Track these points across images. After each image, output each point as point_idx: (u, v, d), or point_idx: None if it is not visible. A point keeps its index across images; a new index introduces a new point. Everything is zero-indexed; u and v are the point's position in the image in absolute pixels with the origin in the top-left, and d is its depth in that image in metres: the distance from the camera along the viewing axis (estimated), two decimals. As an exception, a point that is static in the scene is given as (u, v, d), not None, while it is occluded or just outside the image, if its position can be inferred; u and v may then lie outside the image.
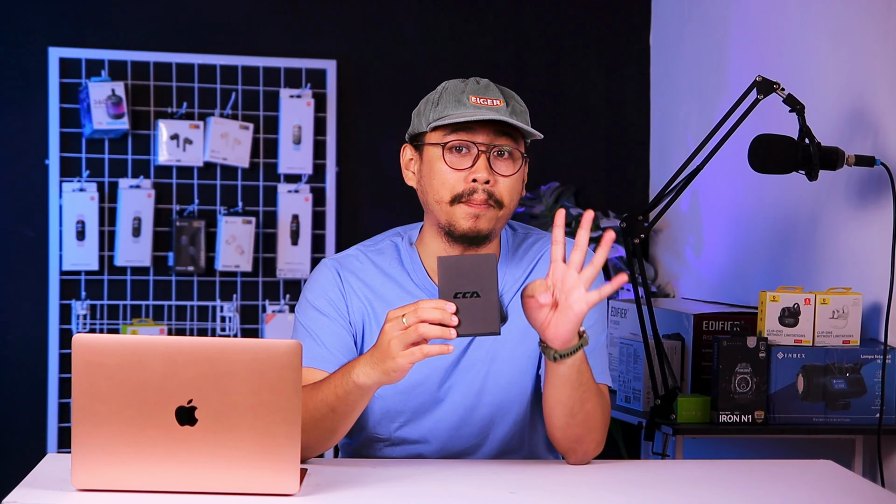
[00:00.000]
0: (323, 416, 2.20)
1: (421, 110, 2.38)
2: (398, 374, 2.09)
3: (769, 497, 2.13)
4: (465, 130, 2.31)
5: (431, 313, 2.04)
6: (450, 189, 2.31)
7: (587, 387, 2.25)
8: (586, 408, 2.26)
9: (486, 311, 2.05)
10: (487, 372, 2.37)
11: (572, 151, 4.58)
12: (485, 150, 2.30)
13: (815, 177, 3.11)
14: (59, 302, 4.23)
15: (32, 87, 4.23)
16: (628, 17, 4.62)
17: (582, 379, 2.23)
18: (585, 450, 2.31)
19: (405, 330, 2.05)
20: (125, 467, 1.95)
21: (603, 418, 2.31)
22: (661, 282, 4.45)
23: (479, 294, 2.06)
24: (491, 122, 2.30)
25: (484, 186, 2.29)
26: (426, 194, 2.35)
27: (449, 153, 2.32)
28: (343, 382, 2.16)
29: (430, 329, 2.04)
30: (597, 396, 2.28)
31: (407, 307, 2.08)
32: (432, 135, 2.34)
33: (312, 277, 2.42)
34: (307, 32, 4.43)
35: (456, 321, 2.05)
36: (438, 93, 2.36)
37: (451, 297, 2.06)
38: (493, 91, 2.33)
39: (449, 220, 2.32)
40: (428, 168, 2.34)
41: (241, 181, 4.35)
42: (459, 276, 2.06)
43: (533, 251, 2.43)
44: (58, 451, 4.16)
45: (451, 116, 2.30)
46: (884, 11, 3.22)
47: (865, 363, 3.10)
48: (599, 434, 2.30)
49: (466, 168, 2.30)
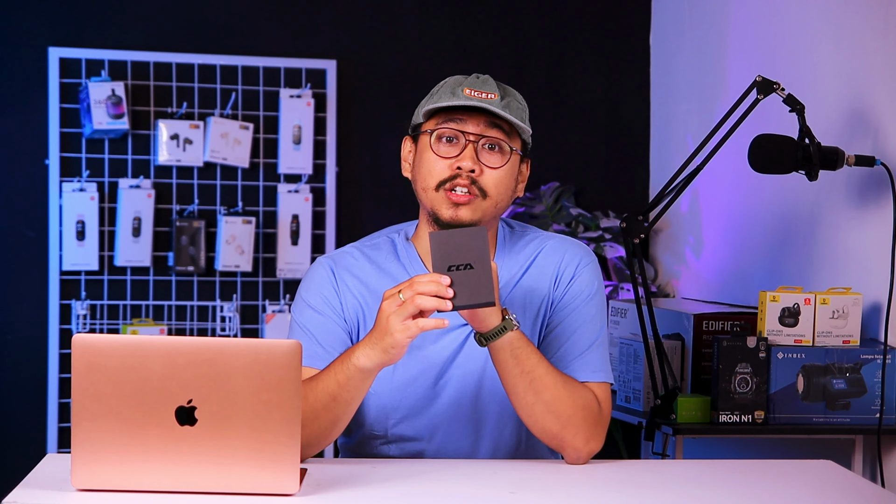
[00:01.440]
0: (325, 405, 2.21)
1: (422, 104, 2.40)
2: (397, 351, 2.11)
3: (769, 497, 2.13)
4: (457, 121, 2.32)
5: (427, 286, 2.07)
6: (436, 176, 2.32)
7: (535, 375, 2.23)
8: (544, 398, 2.24)
9: (480, 282, 2.08)
10: (485, 367, 2.37)
11: (572, 151, 4.58)
12: (473, 139, 2.31)
13: (815, 177, 3.11)
14: (59, 302, 4.23)
15: (32, 87, 4.23)
16: (628, 17, 4.62)
17: (524, 366, 2.22)
18: (571, 445, 2.28)
19: (402, 305, 2.07)
20: (125, 467, 1.95)
21: (581, 413, 2.27)
22: (661, 282, 4.45)
23: (473, 266, 2.08)
24: (484, 115, 2.31)
25: (468, 174, 2.30)
26: (416, 182, 2.37)
27: (438, 141, 2.33)
28: (344, 368, 2.17)
29: (428, 300, 2.07)
30: (561, 388, 2.25)
31: (402, 284, 2.11)
32: (426, 124, 2.36)
33: (307, 276, 2.43)
34: (307, 32, 4.43)
35: (451, 293, 2.07)
36: (439, 86, 2.38)
37: (445, 271, 2.08)
38: (489, 85, 2.33)
39: (433, 208, 2.33)
40: (419, 156, 2.36)
41: (241, 181, 4.36)
42: (452, 249, 2.09)
43: (529, 249, 2.43)
44: (58, 451, 4.16)
45: (439, 103, 2.32)
46: (883, 11, 3.22)
47: (865, 363, 3.10)
48: (582, 429, 2.27)
49: (453, 157, 2.31)
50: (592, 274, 2.40)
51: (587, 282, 2.39)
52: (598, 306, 2.40)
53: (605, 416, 2.34)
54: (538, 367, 2.24)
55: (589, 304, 2.38)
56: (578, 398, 2.29)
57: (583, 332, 2.36)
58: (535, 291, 2.39)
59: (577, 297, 2.38)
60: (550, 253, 2.41)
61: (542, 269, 2.40)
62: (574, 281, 2.39)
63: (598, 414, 2.31)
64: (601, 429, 2.32)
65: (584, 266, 2.40)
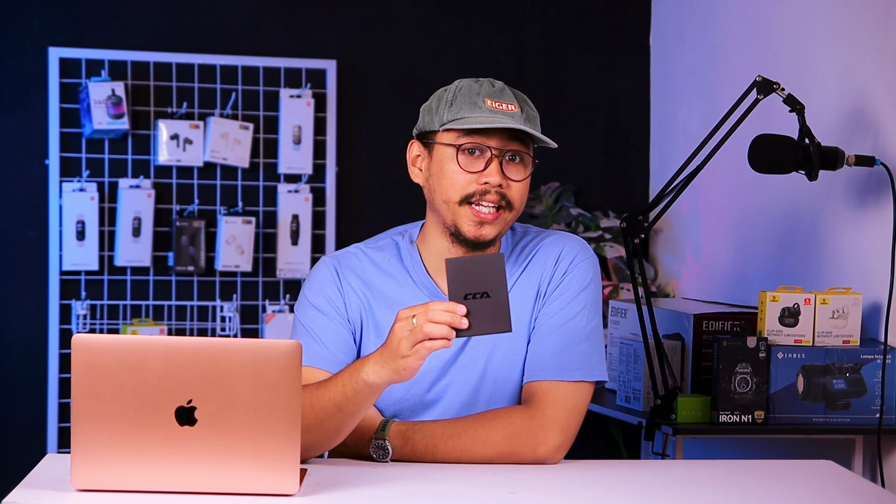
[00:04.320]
0: (330, 415, 2.20)
1: (433, 108, 2.36)
2: (408, 373, 2.11)
3: (769, 497, 2.13)
4: (480, 134, 2.31)
5: (441, 316, 2.06)
6: (460, 190, 2.31)
7: (440, 454, 2.27)
8: (467, 456, 2.27)
9: (497, 311, 2.07)
10: (484, 370, 2.37)
11: (572, 151, 4.57)
12: (497, 154, 2.31)
13: (815, 177, 3.11)
14: (59, 302, 4.23)
15: (32, 87, 4.23)
16: (628, 17, 4.62)
17: (428, 454, 2.27)
18: (528, 461, 2.28)
19: (413, 331, 2.07)
20: (125, 467, 1.95)
21: (509, 443, 2.28)
22: (661, 282, 4.45)
23: (490, 294, 2.07)
24: (505, 127, 2.30)
25: (496, 189, 2.30)
26: (434, 192, 2.35)
27: (462, 154, 2.32)
28: (352, 381, 2.17)
29: (437, 329, 2.06)
30: (470, 447, 2.28)
31: (417, 307, 2.09)
32: (445, 135, 2.33)
33: (311, 276, 2.42)
34: (307, 32, 4.43)
35: (466, 324, 2.06)
36: (452, 92, 2.35)
37: (462, 299, 2.07)
38: (507, 95, 2.33)
39: (455, 221, 2.32)
40: (438, 167, 2.34)
41: (241, 181, 4.35)
42: (468, 277, 2.07)
43: (528, 250, 2.43)
44: (58, 451, 4.16)
45: (467, 120, 2.30)
46: (883, 11, 3.22)
47: (865, 363, 3.10)
48: (522, 450, 2.28)
49: (478, 171, 2.31)
50: (587, 269, 2.39)
51: (580, 276, 2.38)
52: (587, 300, 2.38)
53: (550, 419, 2.29)
54: (441, 453, 2.27)
55: (576, 300, 2.37)
56: (496, 437, 2.28)
57: (558, 330, 2.35)
58: (532, 289, 2.39)
59: (567, 291, 2.37)
60: (548, 248, 2.41)
61: (538, 265, 2.40)
62: (567, 275, 2.38)
63: (530, 427, 2.28)
64: (545, 434, 2.28)
65: (580, 261, 2.39)
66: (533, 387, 2.34)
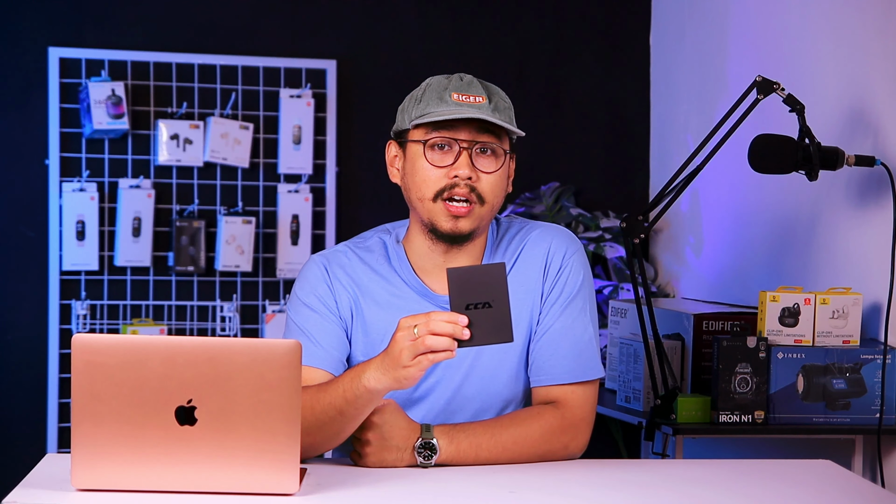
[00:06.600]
0: (331, 418, 2.20)
1: (405, 107, 2.39)
2: (409, 382, 2.11)
3: (769, 497, 2.13)
4: (447, 128, 2.31)
5: (443, 327, 2.06)
6: (432, 185, 2.32)
7: (487, 456, 2.28)
8: (509, 457, 2.29)
9: (498, 321, 2.06)
10: (471, 367, 2.37)
11: (572, 151, 4.57)
12: (466, 147, 2.31)
13: (815, 177, 3.11)
14: (59, 302, 4.22)
15: (32, 87, 4.23)
16: (628, 17, 4.62)
17: (477, 459, 2.27)
18: (558, 458, 2.34)
19: (415, 341, 2.06)
20: (125, 467, 1.95)
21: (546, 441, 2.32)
22: (661, 282, 4.45)
23: (491, 304, 2.06)
24: (473, 119, 2.30)
25: (466, 182, 2.30)
26: (409, 191, 2.37)
27: (430, 150, 2.32)
28: (353, 386, 2.16)
29: (439, 342, 2.06)
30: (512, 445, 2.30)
31: (419, 317, 2.08)
32: (415, 132, 2.35)
33: (301, 275, 2.43)
34: (307, 32, 4.43)
35: (468, 334, 2.06)
36: (422, 89, 2.37)
37: (463, 310, 2.06)
38: (475, 87, 2.33)
39: (431, 218, 2.33)
40: (410, 165, 2.35)
41: (241, 181, 4.35)
42: (470, 286, 2.06)
43: (515, 242, 2.43)
44: (58, 451, 4.16)
45: (432, 114, 2.31)
46: (883, 11, 3.22)
47: (865, 363, 3.10)
48: (556, 448, 2.33)
49: (448, 165, 2.31)
50: (579, 264, 2.41)
51: (574, 273, 2.40)
52: (585, 299, 2.41)
53: (578, 417, 2.36)
54: (485, 451, 2.28)
55: (575, 300, 2.39)
56: (534, 434, 2.32)
57: (568, 331, 2.38)
58: (524, 286, 2.39)
59: (564, 292, 2.39)
60: (536, 242, 2.42)
61: (528, 261, 2.41)
62: (561, 273, 2.39)
63: (562, 425, 2.34)
64: (575, 431, 2.35)
65: (571, 256, 2.41)
66: (555, 390, 2.38)
